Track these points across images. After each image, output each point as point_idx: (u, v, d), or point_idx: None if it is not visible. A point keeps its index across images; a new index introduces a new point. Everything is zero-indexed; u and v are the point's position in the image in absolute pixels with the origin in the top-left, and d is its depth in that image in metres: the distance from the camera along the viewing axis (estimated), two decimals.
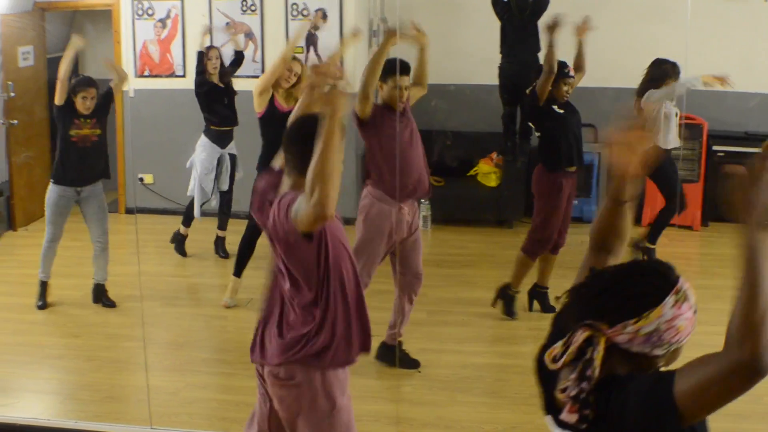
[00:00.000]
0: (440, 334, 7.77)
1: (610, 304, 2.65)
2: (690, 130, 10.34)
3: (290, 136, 4.26)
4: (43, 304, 8.55)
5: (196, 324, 8.36)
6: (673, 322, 2.63)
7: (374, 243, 6.91)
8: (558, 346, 2.66)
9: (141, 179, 11.09)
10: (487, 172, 10.89)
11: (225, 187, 9.58)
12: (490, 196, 10.70)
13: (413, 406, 6.48)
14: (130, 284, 8.77)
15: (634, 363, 2.66)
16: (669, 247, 9.98)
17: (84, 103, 8.20)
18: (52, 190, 8.40)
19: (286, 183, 4.23)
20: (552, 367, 2.65)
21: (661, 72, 9.14)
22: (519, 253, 8.08)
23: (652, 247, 9.46)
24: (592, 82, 10.01)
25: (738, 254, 2.43)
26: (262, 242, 8.52)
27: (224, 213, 9.63)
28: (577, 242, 9.53)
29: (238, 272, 8.45)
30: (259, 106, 8.15)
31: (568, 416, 2.60)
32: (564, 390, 2.62)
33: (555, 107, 7.99)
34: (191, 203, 9.63)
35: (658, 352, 2.65)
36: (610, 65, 10.46)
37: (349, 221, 6.90)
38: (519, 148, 10.11)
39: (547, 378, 2.80)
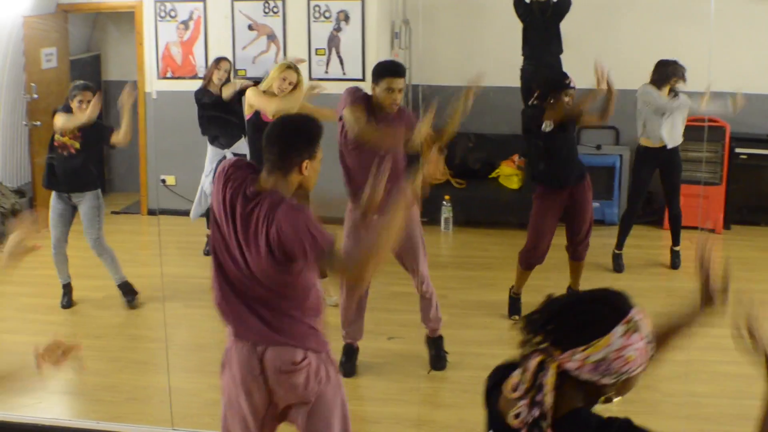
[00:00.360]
0: (462, 337, 7.75)
1: (561, 330, 2.66)
2: (712, 132, 10.30)
3: (271, 135, 4.25)
4: (67, 303, 8.61)
5: (218, 325, 8.33)
6: (622, 352, 2.63)
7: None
8: (516, 375, 2.67)
9: (163, 181, 11.12)
10: (509, 174, 10.89)
11: None
12: (511, 198, 10.67)
13: (434, 409, 6.48)
14: (151, 285, 8.80)
15: (585, 391, 2.69)
16: (690, 250, 9.92)
17: (80, 107, 8.20)
18: (52, 194, 8.52)
19: (267, 180, 4.21)
20: (511, 396, 2.65)
21: (665, 73, 9.14)
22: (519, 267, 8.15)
23: (677, 249, 9.44)
24: (616, 85, 9.98)
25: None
26: None
27: None
28: (599, 245, 9.52)
29: None
30: (247, 111, 8.19)
31: None
32: (517, 416, 2.62)
33: (544, 123, 7.94)
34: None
35: (607, 381, 2.66)
36: (633, 67, 10.40)
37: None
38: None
39: (491, 399, 2.83)
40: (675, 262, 9.40)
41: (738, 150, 10.56)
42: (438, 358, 7.20)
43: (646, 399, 6.52)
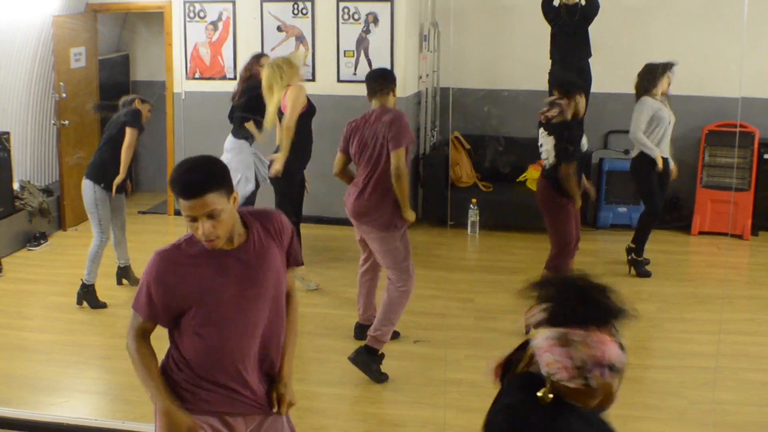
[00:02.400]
0: (487, 341, 7.73)
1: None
2: (742, 138, 10.26)
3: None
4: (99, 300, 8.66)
5: None
6: (541, 353, 2.70)
7: None
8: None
9: None
10: (537, 177, 10.85)
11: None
12: None
13: (460, 413, 6.44)
14: None
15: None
16: (718, 256, 9.91)
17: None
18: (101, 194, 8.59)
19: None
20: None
21: (651, 74, 9.05)
22: (543, 270, 7.92)
23: (640, 259, 9.35)
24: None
25: None
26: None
27: None
28: (621, 250, 9.48)
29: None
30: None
31: None
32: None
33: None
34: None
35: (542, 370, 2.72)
36: None
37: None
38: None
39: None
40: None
41: (767, 156, 10.49)
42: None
43: (672, 406, 6.50)
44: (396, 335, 7.65)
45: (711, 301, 8.55)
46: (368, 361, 6.97)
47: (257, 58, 9.51)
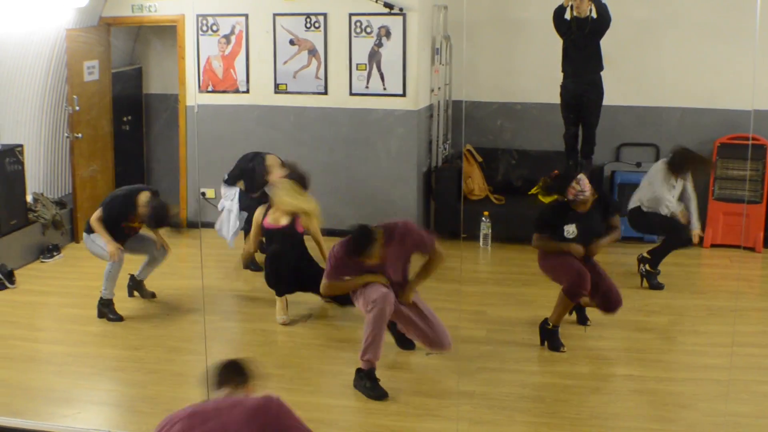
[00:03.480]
0: (499, 353, 7.72)
1: None
2: (754, 150, 10.24)
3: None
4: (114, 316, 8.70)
5: (256, 339, 8.36)
6: None
7: None
8: None
9: (203, 194, 11.16)
10: None
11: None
12: None
13: (473, 425, 6.44)
14: (190, 297, 8.82)
15: None
16: (730, 269, 9.88)
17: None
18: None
19: None
20: None
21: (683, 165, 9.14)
22: (560, 292, 7.86)
23: (654, 271, 9.37)
24: (657, 102, 9.93)
25: None
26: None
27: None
28: (634, 262, 9.47)
29: (278, 292, 8.53)
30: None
31: None
32: None
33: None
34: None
35: None
36: (675, 85, 10.39)
37: None
38: (581, 167, 10.00)
39: None
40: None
41: None
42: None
43: (685, 418, 6.48)
44: (411, 345, 7.69)
45: (723, 313, 8.53)
46: (358, 380, 7.04)
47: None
